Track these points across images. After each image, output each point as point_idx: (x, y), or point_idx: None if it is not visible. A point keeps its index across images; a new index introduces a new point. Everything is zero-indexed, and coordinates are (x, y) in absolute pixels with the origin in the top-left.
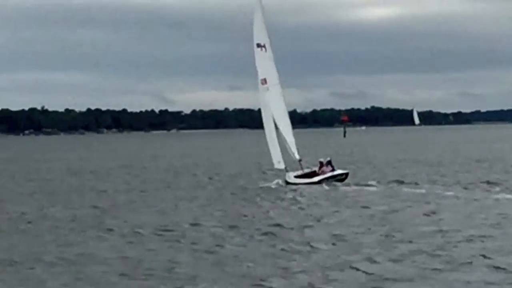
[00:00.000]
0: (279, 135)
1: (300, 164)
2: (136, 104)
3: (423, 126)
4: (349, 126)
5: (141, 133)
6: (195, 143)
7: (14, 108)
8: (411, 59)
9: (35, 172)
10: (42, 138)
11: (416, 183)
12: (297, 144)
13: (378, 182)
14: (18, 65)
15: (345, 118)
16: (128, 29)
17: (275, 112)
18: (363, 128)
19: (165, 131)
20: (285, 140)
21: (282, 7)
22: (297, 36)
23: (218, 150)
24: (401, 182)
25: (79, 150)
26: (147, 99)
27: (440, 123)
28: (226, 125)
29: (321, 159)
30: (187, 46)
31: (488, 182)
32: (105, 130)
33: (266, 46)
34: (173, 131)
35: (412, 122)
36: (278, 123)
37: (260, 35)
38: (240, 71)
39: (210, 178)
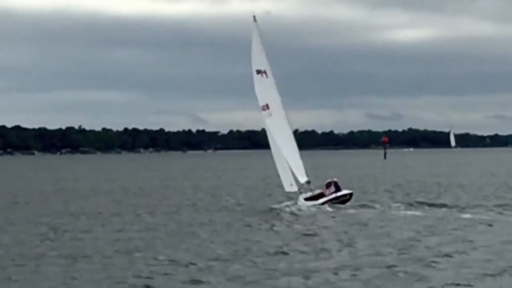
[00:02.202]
0: (285, 158)
1: (309, 186)
2: (172, 123)
3: (459, 149)
4: (388, 147)
5: (178, 153)
6: (228, 164)
7: (51, 127)
8: (445, 81)
9: (75, 191)
10: (79, 157)
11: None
12: (315, 166)
13: (410, 204)
14: (56, 84)
15: (385, 139)
16: (164, 48)
17: (279, 136)
18: (411, 149)
19: (202, 151)
20: (291, 164)
21: (315, 28)
22: (330, 57)
23: (249, 170)
24: (439, 205)
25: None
26: (182, 119)
27: (477, 146)
28: (262, 146)
29: (329, 180)
30: (221, 66)
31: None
32: (142, 150)
33: (267, 71)
34: (210, 151)
35: (448, 144)
36: (282, 148)
37: (259, 61)
38: None
39: (227, 200)
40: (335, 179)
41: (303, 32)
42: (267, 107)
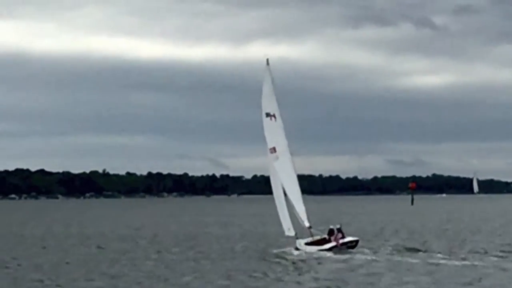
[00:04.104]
0: (288, 202)
1: (310, 232)
2: (194, 167)
3: (482, 195)
4: (415, 193)
5: (202, 197)
6: (251, 209)
7: (75, 171)
8: (466, 127)
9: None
10: (103, 201)
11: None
12: (312, 211)
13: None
14: (78, 128)
15: (413, 185)
16: (183, 93)
17: (285, 180)
18: (444, 195)
19: (225, 196)
20: (294, 208)
21: (335, 73)
22: (350, 102)
23: (268, 216)
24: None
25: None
26: (203, 163)
27: (501, 192)
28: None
29: (332, 226)
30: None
31: None
32: (165, 194)
33: (276, 115)
34: (234, 196)
35: (472, 191)
36: (287, 191)
37: (269, 104)
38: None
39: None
40: (338, 226)
41: (323, 77)
42: (274, 150)
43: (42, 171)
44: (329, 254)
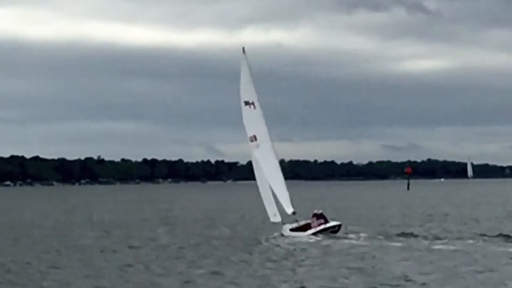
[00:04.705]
0: (271, 189)
1: (295, 217)
2: (189, 154)
3: (476, 180)
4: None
5: (197, 183)
6: (245, 194)
7: (70, 157)
8: (461, 112)
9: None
10: (98, 187)
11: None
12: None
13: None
14: (73, 115)
15: (408, 170)
16: (178, 79)
17: (266, 168)
18: (442, 180)
19: (221, 182)
20: (278, 195)
21: (329, 59)
22: (344, 88)
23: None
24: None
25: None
26: (198, 149)
27: (496, 176)
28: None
29: (315, 211)
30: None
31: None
32: (160, 180)
33: (255, 103)
34: (229, 181)
35: (466, 175)
36: (269, 179)
37: (247, 92)
38: (288, 123)
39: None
40: (321, 211)
41: (317, 62)
42: (254, 138)
43: (37, 158)
44: (312, 239)
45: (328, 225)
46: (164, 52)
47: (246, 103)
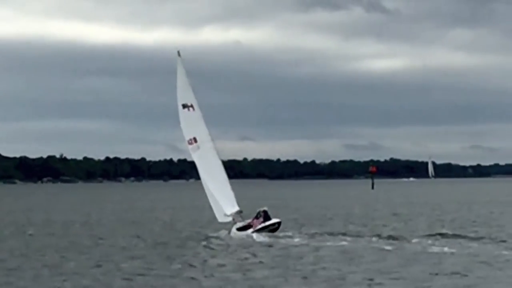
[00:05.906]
0: (216, 189)
1: (241, 216)
2: (151, 152)
3: (437, 179)
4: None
5: (160, 182)
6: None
7: (32, 156)
8: (421, 111)
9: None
10: (61, 186)
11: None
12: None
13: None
14: (36, 113)
15: (373, 169)
16: (137, 77)
17: (207, 169)
18: (411, 179)
19: (184, 181)
20: (220, 195)
21: (288, 58)
22: (305, 87)
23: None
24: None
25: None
26: (160, 148)
27: (458, 176)
28: (246, 175)
29: (259, 209)
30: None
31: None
32: (123, 179)
33: (194, 105)
34: (192, 180)
35: (427, 174)
36: (209, 180)
37: (185, 95)
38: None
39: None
40: (265, 208)
41: (277, 61)
42: (194, 140)
43: None
44: (255, 237)
45: (267, 223)
46: (124, 51)
47: (184, 106)
